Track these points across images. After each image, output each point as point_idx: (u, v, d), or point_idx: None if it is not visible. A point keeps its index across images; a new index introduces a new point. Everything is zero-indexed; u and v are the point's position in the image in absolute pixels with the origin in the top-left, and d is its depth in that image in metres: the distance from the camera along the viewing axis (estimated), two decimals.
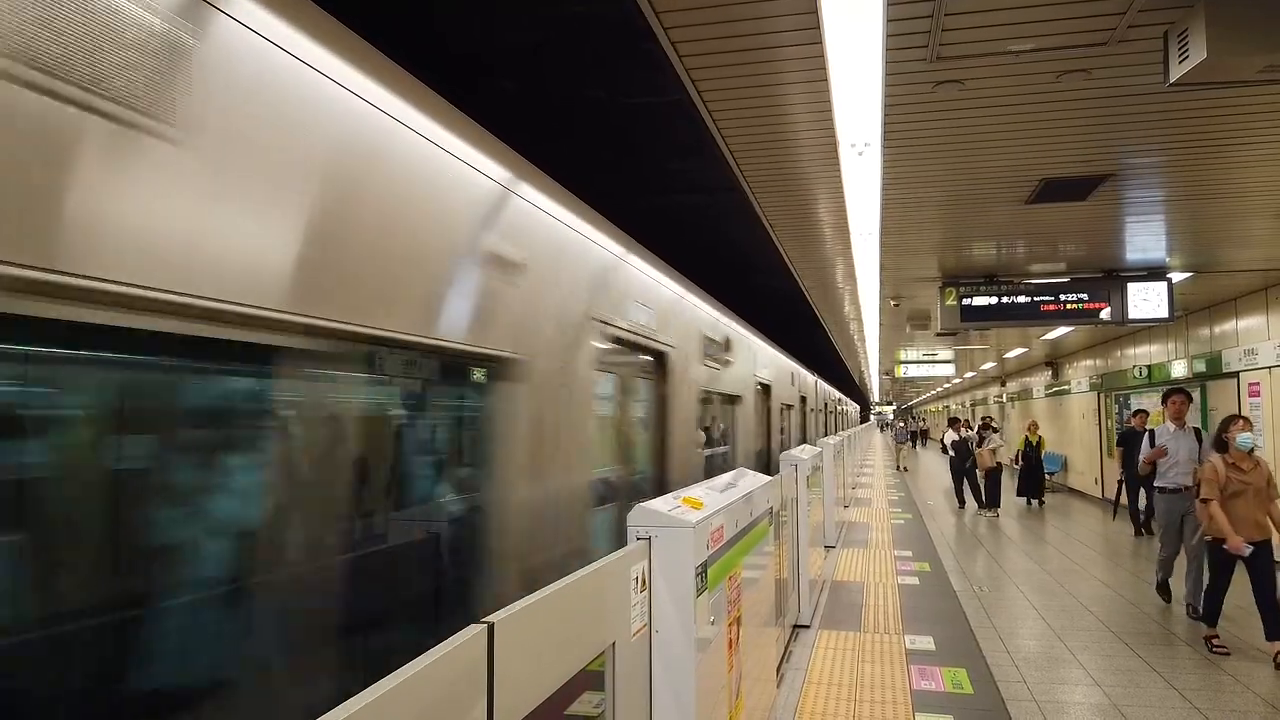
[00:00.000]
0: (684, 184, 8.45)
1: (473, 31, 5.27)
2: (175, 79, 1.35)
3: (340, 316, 1.73)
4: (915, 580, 7.61)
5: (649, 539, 2.23)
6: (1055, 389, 17.78)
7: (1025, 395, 21.13)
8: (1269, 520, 5.39)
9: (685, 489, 2.84)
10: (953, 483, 14.72)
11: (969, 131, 4.03)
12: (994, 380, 25.84)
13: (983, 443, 13.62)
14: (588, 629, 1.76)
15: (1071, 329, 11.36)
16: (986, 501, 13.17)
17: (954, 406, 38.75)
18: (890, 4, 2.73)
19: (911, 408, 63.65)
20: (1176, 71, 2.82)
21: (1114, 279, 7.40)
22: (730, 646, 2.79)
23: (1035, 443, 14.22)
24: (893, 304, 9.73)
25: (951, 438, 14.95)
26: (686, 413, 4.87)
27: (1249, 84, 3.25)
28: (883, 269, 7.51)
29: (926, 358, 17.68)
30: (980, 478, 13.42)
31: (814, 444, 9.78)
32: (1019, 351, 16.43)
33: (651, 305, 4.16)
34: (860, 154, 4.12)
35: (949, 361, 18.07)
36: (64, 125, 1.17)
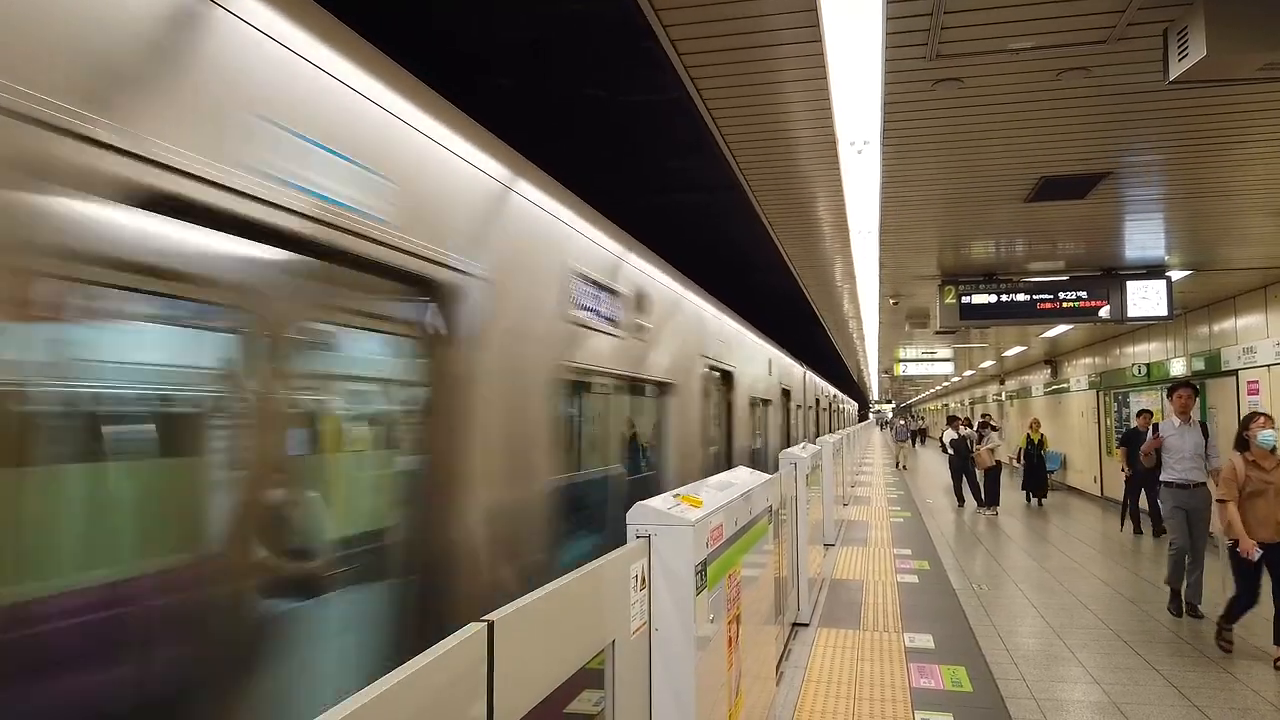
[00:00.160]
0: (683, 182, 8.45)
1: (471, 30, 5.26)
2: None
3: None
4: (914, 578, 7.62)
5: (648, 537, 2.23)
6: (1054, 387, 17.79)
7: (1024, 394, 21.14)
8: None
9: (684, 487, 2.84)
10: (952, 481, 14.73)
11: (968, 129, 4.03)
12: (993, 379, 25.86)
13: (981, 441, 13.64)
14: (587, 627, 1.76)
15: (1070, 327, 11.37)
16: (986, 500, 13.18)
17: (953, 405, 38.77)
18: (890, 2, 2.73)
19: (910, 406, 63.69)
20: (1176, 69, 2.82)
21: (1113, 277, 7.40)
22: (730, 644, 2.79)
23: (1037, 441, 14.14)
24: (892, 302, 9.73)
25: (950, 436, 14.95)
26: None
27: (1248, 82, 3.25)
28: (882, 267, 7.51)
29: (925, 356, 17.69)
30: (979, 476, 13.44)
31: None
32: (1018, 350, 16.43)
33: None
34: (860, 152, 4.12)
35: (948, 360, 18.08)
36: None
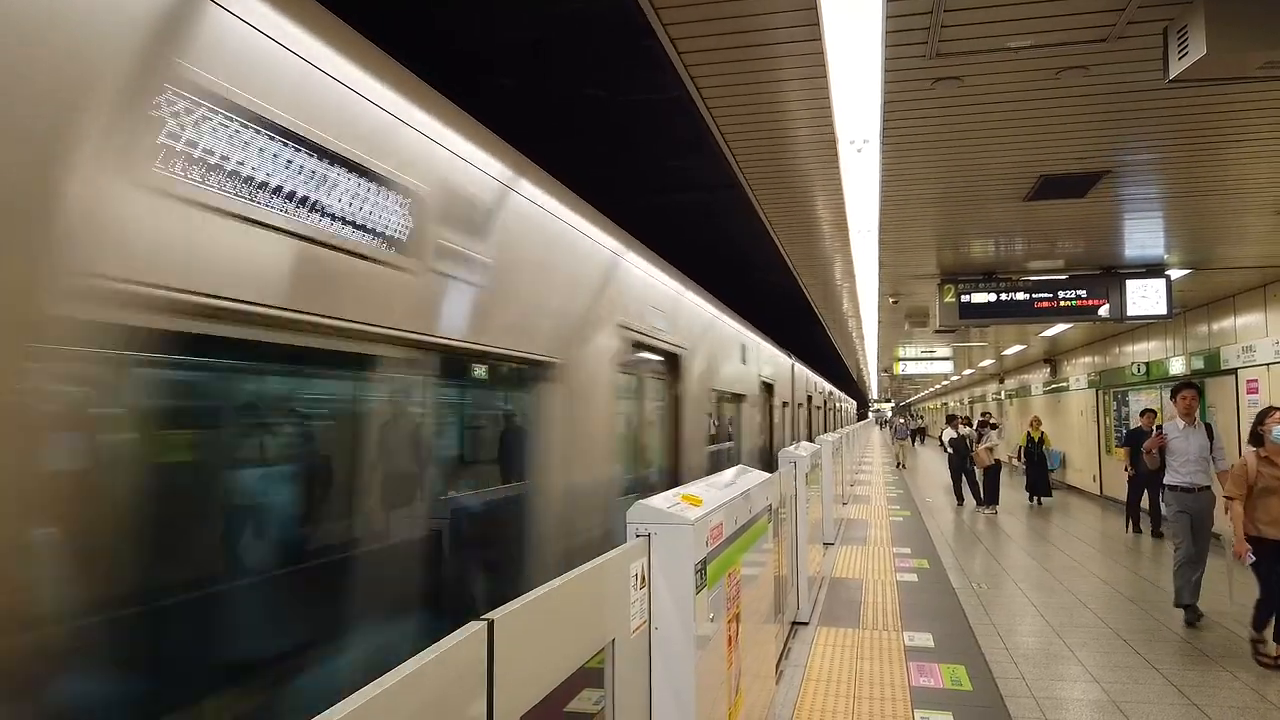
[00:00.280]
0: (682, 181, 8.45)
1: (472, 29, 5.26)
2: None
3: None
4: (914, 577, 7.62)
5: (648, 536, 2.23)
6: (1054, 386, 17.79)
7: (1024, 392, 21.14)
8: None
9: (684, 486, 2.84)
10: (951, 480, 14.73)
11: (968, 128, 4.02)
12: (992, 377, 25.86)
13: (981, 440, 13.63)
14: (587, 626, 1.76)
15: (1070, 326, 11.37)
16: (985, 498, 13.18)
17: (952, 403, 38.77)
18: (889, 0, 2.73)
19: (910, 405, 63.70)
20: (1176, 68, 2.82)
21: (1112, 276, 7.40)
22: (729, 643, 2.79)
23: (1038, 439, 14.04)
24: (891, 301, 9.73)
25: (950, 435, 14.96)
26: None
27: (1248, 80, 3.25)
28: (881, 266, 7.51)
29: (925, 355, 17.69)
30: (978, 475, 13.44)
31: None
32: (1017, 349, 16.42)
33: None
34: (859, 151, 4.12)
35: (947, 359, 18.08)
36: None
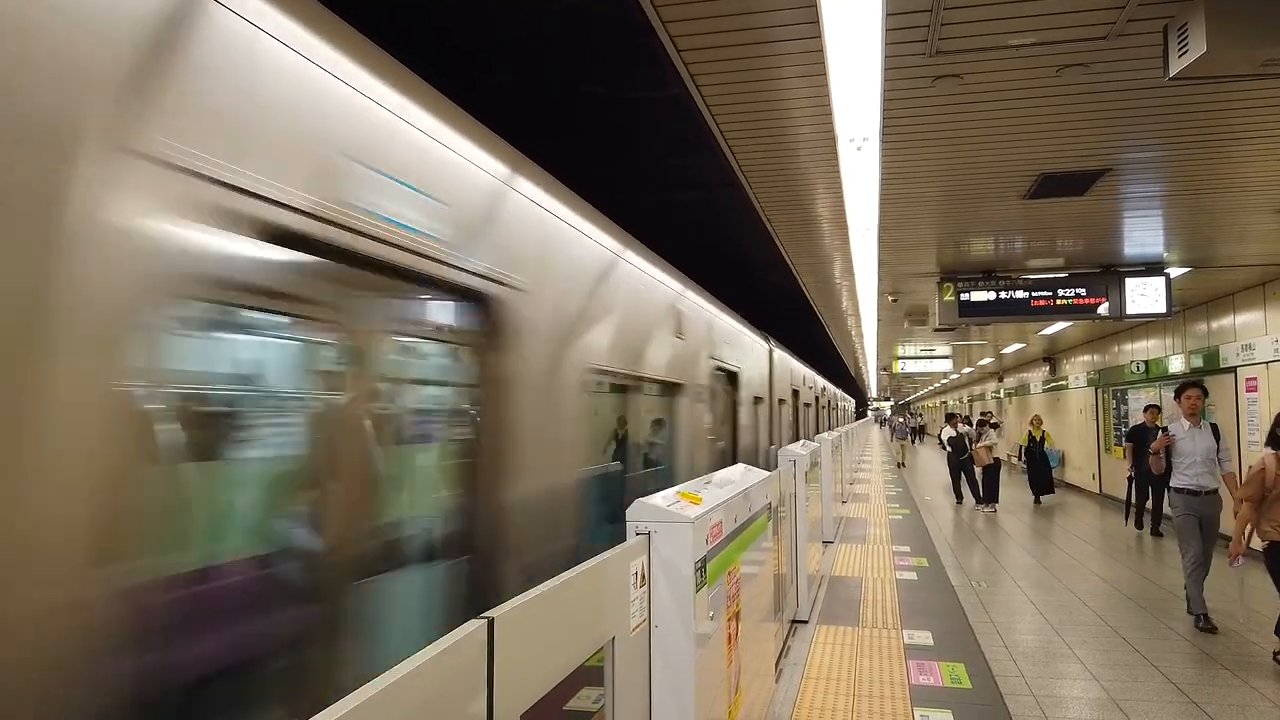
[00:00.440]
0: (682, 179, 8.44)
1: (469, 26, 5.25)
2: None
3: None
4: (913, 575, 7.62)
5: (648, 534, 2.23)
6: (1053, 384, 17.80)
7: (1023, 391, 21.16)
8: None
9: (684, 484, 2.84)
10: (951, 478, 14.74)
11: (968, 126, 4.02)
12: (991, 376, 25.88)
13: (980, 438, 13.63)
14: (587, 624, 1.76)
15: (1069, 324, 11.37)
16: (984, 497, 13.19)
17: (951, 402, 38.78)
18: None
19: (909, 403, 63.73)
20: (1176, 65, 2.82)
21: (1112, 274, 7.40)
22: (729, 641, 2.79)
23: (1039, 438, 13.92)
24: (890, 299, 9.73)
25: (949, 433, 14.96)
26: None
27: (1248, 78, 3.25)
28: (881, 264, 7.51)
29: (924, 353, 17.70)
30: (978, 473, 13.44)
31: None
32: (1016, 347, 16.43)
33: None
34: (859, 149, 4.12)
35: (946, 357, 18.09)
36: None
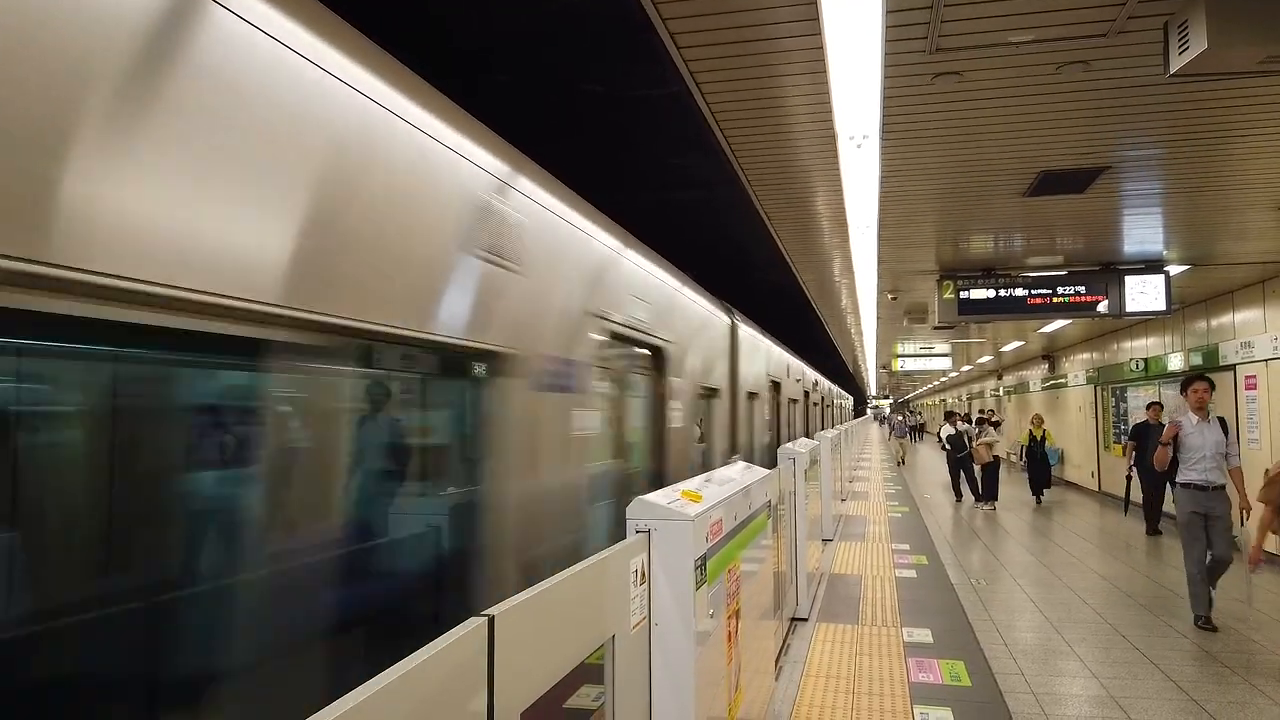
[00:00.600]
0: (681, 178, 8.43)
1: (468, 23, 5.23)
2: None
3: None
4: (913, 573, 7.63)
5: (648, 532, 2.23)
6: (1052, 382, 17.81)
7: (1022, 389, 21.17)
8: None
9: (683, 482, 2.84)
10: (950, 476, 14.74)
11: (967, 123, 4.02)
12: (991, 374, 25.88)
13: (980, 436, 13.63)
14: (587, 622, 1.76)
15: (1068, 322, 11.38)
16: (983, 495, 13.20)
17: (951, 400, 38.79)
18: None
19: (908, 401, 63.76)
20: (1177, 63, 2.81)
21: (1111, 272, 7.40)
22: (729, 639, 2.79)
23: (1040, 437, 13.71)
24: (890, 297, 9.73)
25: (948, 431, 14.97)
26: None
27: (1249, 75, 3.24)
28: (880, 262, 7.50)
29: (923, 351, 17.71)
30: (977, 471, 13.45)
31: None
32: (1016, 345, 16.43)
33: None
34: (859, 146, 4.11)
35: (945, 355, 18.10)
36: None
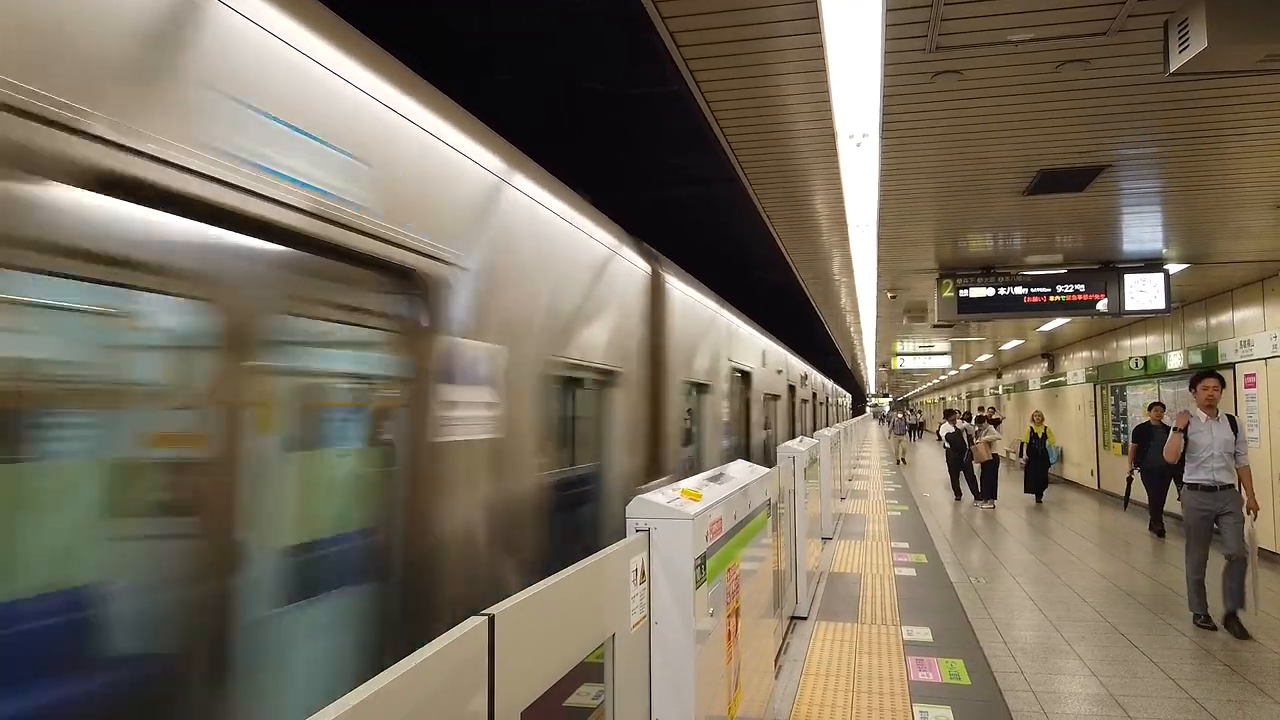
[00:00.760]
0: (681, 176, 8.43)
1: (468, 22, 5.23)
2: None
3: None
4: (912, 571, 7.63)
5: (648, 531, 2.23)
6: (1051, 380, 17.82)
7: (1021, 387, 21.18)
8: None
9: (683, 481, 2.84)
10: (949, 475, 14.75)
11: (967, 122, 4.01)
12: (990, 372, 25.89)
13: (981, 434, 13.63)
14: (587, 621, 1.76)
15: (1067, 320, 11.38)
16: (982, 493, 13.20)
17: (950, 398, 38.81)
18: None
19: (908, 400, 63.78)
20: (1177, 61, 2.81)
21: (1111, 270, 7.40)
22: (729, 638, 2.79)
23: (1041, 435, 13.61)
24: (889, 296, 9.73)
25: (947, 429, 14.97)
26: None
27: (1249, 74, 3.24)
28: (880, 260, 7.51)
29: (923, 350, 17.71)
30: (976, 470, 13.45)
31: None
32: (1015, 343, 16.43)
33: None
34: (858, 145, 4.11)
35: (945, 354, 18.10)
36: None
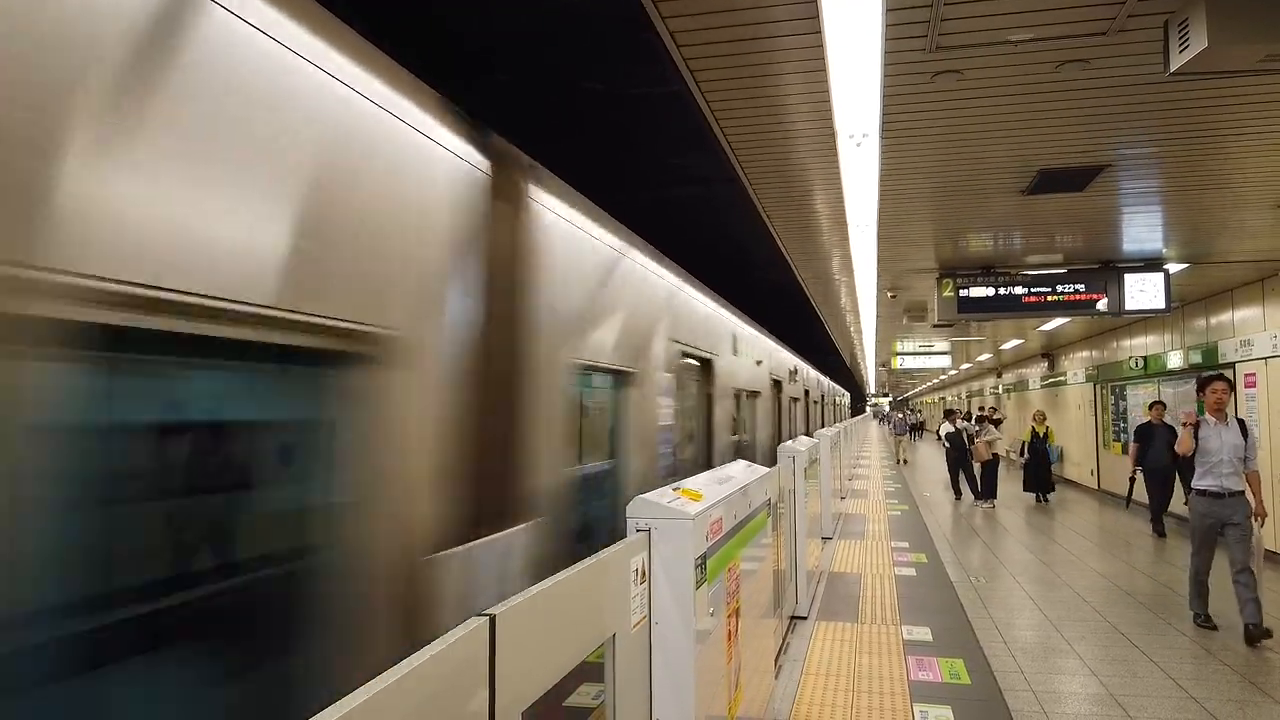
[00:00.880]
0: (680, 176, 8.43)
1: (468, 22, 5.23)
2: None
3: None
4: (912, 571, 7.63)
5: (648, 531, 2.23)
6: (1051, 380, 17.82)
7: (1021, 387, 21.18)
8: None
9: (684, 480, 2.84)
10: (949, 474, 14.75)
11: (967, 122, 4.01)
12: (990, 372, 25.89)
13: (981, 434, 13.63)
14: (588, 621, 1.76)
15: (1067, 320, 11.38)
16: (982, 493, 13.20)
17: (950, 398, 38.80)
18: None
19: (908, 399, 63.78)
20: (1177, 61, 2.81)
21: (1111, 270, 7.40)
22: (729, 638, 2.79)
23: (1043, 434, 13.52)
24: (889, 296, 9.73)
25: (947, 429, 14.97)
26: None
27: (1249, 74, 3.24)
28: (880, 260, 7.51)
29: (923, 349, 17.72)
30: (976, 469, 13.46)
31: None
32: (1015, 343, 16.42)
33: None
34: (858, 145, 4.11)
35: (945, 353, 18.11)
36: None
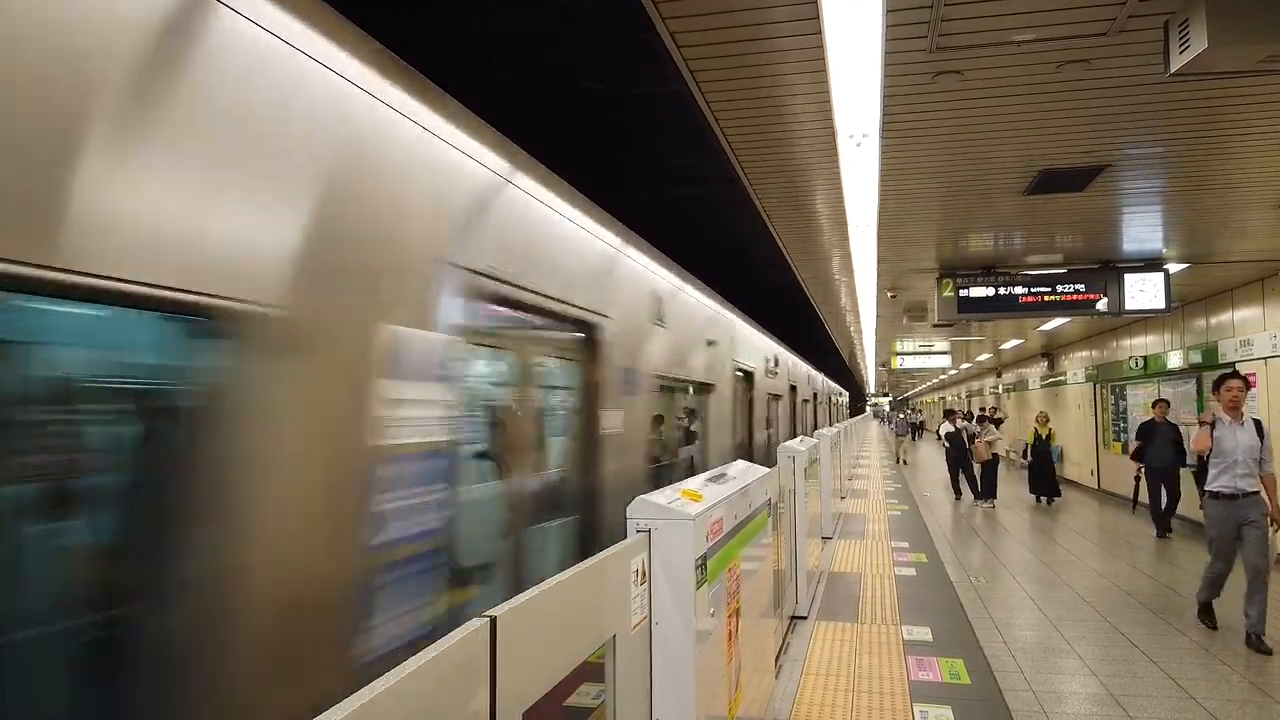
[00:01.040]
0: (681, 176, 8.44)
1: (468, 22, 5.23)
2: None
3: None
4: (912, 571, 7.63)
5: (649, 531, 2.23)
6: (1051, 380, 17.82)
7: (1021, 386, 21.19)
8: None
9: (683, 481, 2.84)
10: (949, 474, 14.75)
11: (968, 122, 4.01)
12: (990, 371, 25.90)
13: (981, 434, 13.62)
14: (589, 622, 1.76)
15: (1067, 320, 11.38)
16: (982, 493, 13.20)
17: (950, 398, 38.80)
18: None
19: (908, 399, 63.79)
20: (1177, 62, 2.81)
21: (1111, 270, 7.40)
22: (729, 638, 2.79)
23: (1045, 436, 13.37)
24: (890, 295, 9.73)
25: (947, 429, 14.97)
26: None
27: (1249, 74, 3.25)
28: (880, 260, 7.51)
29: (923, 349, 17.72)
30: (976, 469, 13.46)
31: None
32: (1015, 343, 16.42)
33: None
34: (859, 145, 4.11)
35: (945, 353, 18.11)
36: None
